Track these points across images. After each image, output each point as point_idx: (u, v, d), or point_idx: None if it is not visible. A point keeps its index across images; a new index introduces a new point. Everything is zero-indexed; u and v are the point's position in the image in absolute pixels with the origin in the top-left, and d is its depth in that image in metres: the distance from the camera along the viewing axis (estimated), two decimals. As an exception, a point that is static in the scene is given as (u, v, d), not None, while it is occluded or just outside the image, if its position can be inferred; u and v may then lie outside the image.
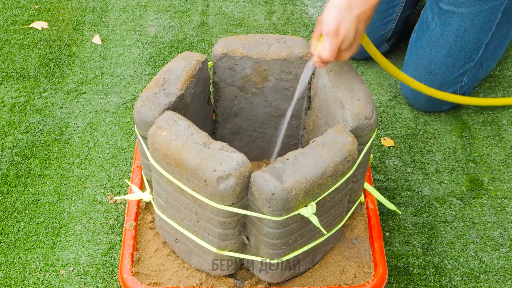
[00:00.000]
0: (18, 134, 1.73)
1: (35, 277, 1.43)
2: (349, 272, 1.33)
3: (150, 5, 2.15)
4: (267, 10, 2.14)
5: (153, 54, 1.97)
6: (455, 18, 1.66)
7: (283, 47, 1.33)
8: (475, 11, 1.64)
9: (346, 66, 1.29)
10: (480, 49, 1.71)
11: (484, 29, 1.67)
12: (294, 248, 1.23)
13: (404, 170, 1.67)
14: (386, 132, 1.77)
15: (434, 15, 1.70)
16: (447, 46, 1.70)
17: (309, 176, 1.11)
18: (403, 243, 1.52)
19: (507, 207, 1.60)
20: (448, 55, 1.70)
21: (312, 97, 1.38)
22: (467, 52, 1.70)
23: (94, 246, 1.49)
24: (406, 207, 1.59)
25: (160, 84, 1.25)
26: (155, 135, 1.17)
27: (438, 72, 1.72)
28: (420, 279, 1.45)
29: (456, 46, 1.69)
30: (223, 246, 1.23)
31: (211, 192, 1.12)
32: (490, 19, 1.66)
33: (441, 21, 1.69)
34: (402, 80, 1.50)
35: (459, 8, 1.65)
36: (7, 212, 1.55)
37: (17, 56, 1.96)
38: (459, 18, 1.66)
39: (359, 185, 1.33)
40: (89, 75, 1.90)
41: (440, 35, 1.69)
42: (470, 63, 1.73)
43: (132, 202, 1.41)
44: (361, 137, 1.23)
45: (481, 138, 1.76)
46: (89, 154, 1.69)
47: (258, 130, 1.48)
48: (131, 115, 1.79)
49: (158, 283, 1.30)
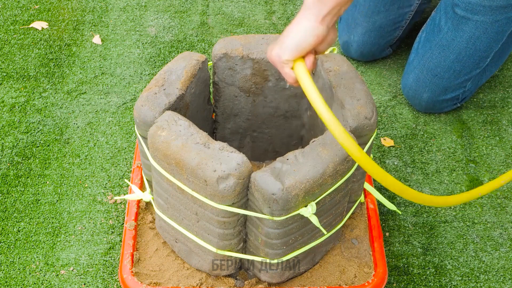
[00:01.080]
0: (18, 134, 1.73)
1: (35, 277, 1.43)
2: (349, 272, 1.33)
3: (150, 5, 2.15)
4: (267, 10, 2.14)
5: (153, 54, 1.97)
6: (469, 25, 1.65)
7: (283, 47, 1.33)
8: (490, 20, 1.63)
9: (346, 66, 1.29)
10: (488, 57, 1.71)
11: (496, 38, 1.67)
12: (294, 248, 1.23)
13: (404, 170, 1.67)
14: (386, 132, 1.77)
15: (448, 19, 1.69)
16: (457, 52, 1.69)
17: (309, 176, 1.11)
18: (403, 243, 1.52)
19: (507, 207, 1.60)
20: (456, 60, 1.70)
21: (312, 97, 1.38)
22: (476, 59, 1.70)
23: (94, 246, 1.49)
24: (406, 207, 1.59)
25: (160, 84, 1.25)
26: (155, 135, 1.17)
27: (444, 76, 1.72)
28: (420, 279, 1.45)
29: (466, 53, 1.69)
30: (223, 246, 1.23)
31: (211, 192, 1.12)
32: (503, 29, 1.65)
33: (454, 26, 1.68)
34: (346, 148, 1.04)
35: (475, 16, 1.63)
36: (7, 212, 1.55)
37: (17, 56, 1.96)
38: (473, 25, 1.65)
39: (359, 185, 1.34)
40: (89, 75, 1.90)
41: (452, 39, 1.69)
42: (477, 70, 1.73)
43: (132, 202, 1.41)
44: (361, 137, 1.23)
45: (481, 138, 1.76)
46: (89, 154, 1.69)
47: (258, 130, 1.48)
48: (131, 115, 1.79)
49: (158, 283, 1.30)
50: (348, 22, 1.90)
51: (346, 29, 1.90)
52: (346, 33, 1.91)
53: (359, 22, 1.86)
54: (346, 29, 1.91)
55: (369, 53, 1.90)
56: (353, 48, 1.90)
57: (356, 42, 1.88)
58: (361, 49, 1.89)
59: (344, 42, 1.93)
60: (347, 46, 1.92)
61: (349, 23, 1.89)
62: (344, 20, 1.92)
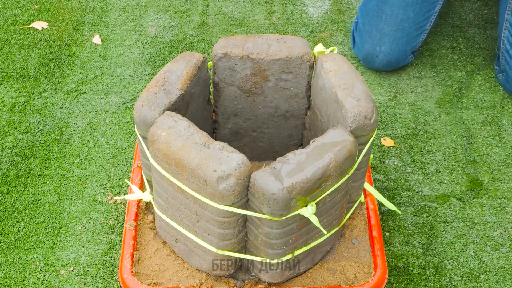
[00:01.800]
0: (18, 134, 1.73)
1: (35, 277, 1.43)
2: (349, 272, 1.33)
3: (150, 5, 2.15)
4: (267, 10, 2.14)
5: (153, 54, 1.97)
6: None
7: (283, 47, 1.33)
8: None
9: (346, 66, 1.29)
10: None
11: None
12: (294, 248, 1.23)
13: (404, 170, 1.67)
14: (386, 132, 1.77)
15: None
16: None
17: (309, 176, 1.11)
18: (403, 243, 1.52)
19: (507, 207, 1.60)
20: None
21: (312, 97, 1.38)
22: None
23: (94, 246, 1.49)
24: (406, 207, 1.59)
25: (160, 84, 1.25)
26: (155, 135, 1.17)
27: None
28: (420, 279, 1.45)
29: None
30: (223, 246, 1.23)
31: (211, 192, 1.12)
32: None
33: None
34: None
35: None
36: (7, 212, 1.55)
37: (17, 56, 1.96)
38: None
39: (359, 185, 1.34)
40: (89, 75, 1.90)
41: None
42: None
43: (132, 202, 1.41)
44: (361, 137, 1.23)
45: (481, 138, 1.76)
46: (89, 154, 1.69)
47: (258, 130, 1.48)
48: (131, 115, 1.79)
49: (158, 283, 1.30)
50: (372, 34, 1.88)
51: (370, 41, 1.88)
52: (370, 45, 1.88)
53: (386, 32, 1.85)
54: (369, 41, 1.88)
55: (396, 61, 1.89)
56: (379, 58, 1.88)
57: (383, 52, 1.86)
58: (388, 58, 1.87)
59: (368, 54, 1.90)
60: (371, 57, 1.89)
61: (373, 35, 1.87)
62: (366, 33, 1.90)
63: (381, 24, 1.86)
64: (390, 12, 1.84)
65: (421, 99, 1.86)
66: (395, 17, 1.84)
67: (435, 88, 1.90)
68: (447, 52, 2.01)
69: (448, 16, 2.13)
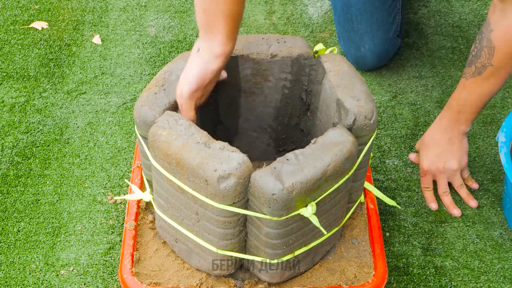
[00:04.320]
0: (18, 134, 1.73)
1: (35, 277, 1.43)
2: (349, 272, 1.33)
3: (150, 5, 2.15)
4: (267, 10, 2.14)
5: (153, 54, 1.97)
6: None
7: (283, 47, 1.33)
8: None
9: (346, 66, 1.29)
10: None
11: None
12: (294, 248, 1.23)
13: (404, 170, 1.67)
14: (386, 132, 1.77)
15: None
16: None
17: (309, 176, 1.11)
18: (403, 243, 1.52)
19: (507, 207, 1.60)
20: None
21: (312, 97, 1.38)
22: None
23: (94, 246, 1.49)
24: (406, 207, 1.59)
25: (160, 84, 1.25)
26: (155, 135, 1.17)
27: None
28: (420, 279, 1.45)
29: None
30: (223, 246, 1.23)
31: (211, 192, 1.12)
32: None
33: None
34: None
35: None
36: (7, 212, 1.55)
37: (17, 56, 1.96)
38: None
39: (359, 185, 1.34)
40: (89, 75, 1.90)
41: None
42: None
43: (132, 202, 1.41)
44: (361, 137, 1.23)
45: (481, 138, 1.76)
46: (89, 154, 1.69)
47: (258, 130, 1.48)
48: (131, 115, 1.79)
49: (158, 283, 1.30)
50: (351, 39, 1.88)
51: (353, 45, 1.88)
52: (354, 49, 1.88)
53: (362, 31, 1.85)
54: (352, 45, 1.88)
55: (385, 52, 1.87)
56: (368, 58, 1.88)
57: (369, 50, 1.86)
58: (376, 54, 1.86)
59: (356, 58, 1.89)
60: (361, 60, 1.89)
61: (352, 38, 1.87)
62: (347, 39, 1.90)
63: (355, 26, 1.86)
64: (357, 11, 1.84)
65: (421, 99, 1.86)
66: (364, 13, 1.84)
67: (435, 88, 1.90)
68: (447, 52, 2.01)
69: (448, 16, 2.13)
